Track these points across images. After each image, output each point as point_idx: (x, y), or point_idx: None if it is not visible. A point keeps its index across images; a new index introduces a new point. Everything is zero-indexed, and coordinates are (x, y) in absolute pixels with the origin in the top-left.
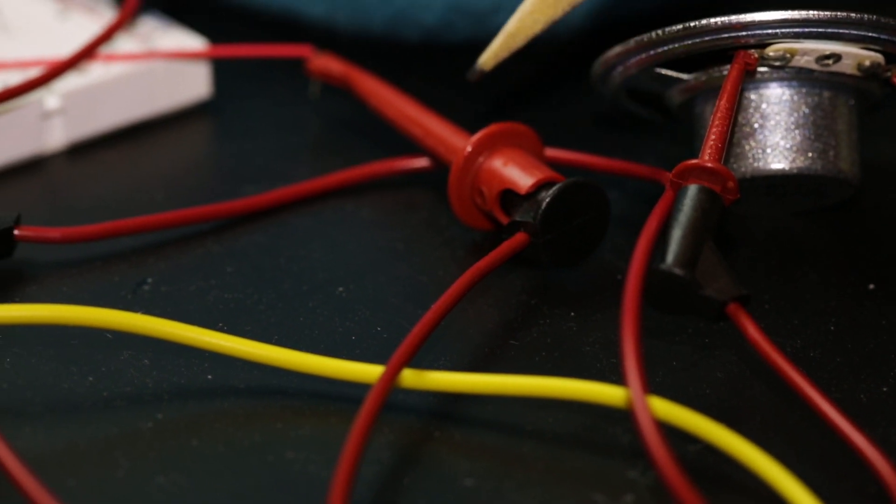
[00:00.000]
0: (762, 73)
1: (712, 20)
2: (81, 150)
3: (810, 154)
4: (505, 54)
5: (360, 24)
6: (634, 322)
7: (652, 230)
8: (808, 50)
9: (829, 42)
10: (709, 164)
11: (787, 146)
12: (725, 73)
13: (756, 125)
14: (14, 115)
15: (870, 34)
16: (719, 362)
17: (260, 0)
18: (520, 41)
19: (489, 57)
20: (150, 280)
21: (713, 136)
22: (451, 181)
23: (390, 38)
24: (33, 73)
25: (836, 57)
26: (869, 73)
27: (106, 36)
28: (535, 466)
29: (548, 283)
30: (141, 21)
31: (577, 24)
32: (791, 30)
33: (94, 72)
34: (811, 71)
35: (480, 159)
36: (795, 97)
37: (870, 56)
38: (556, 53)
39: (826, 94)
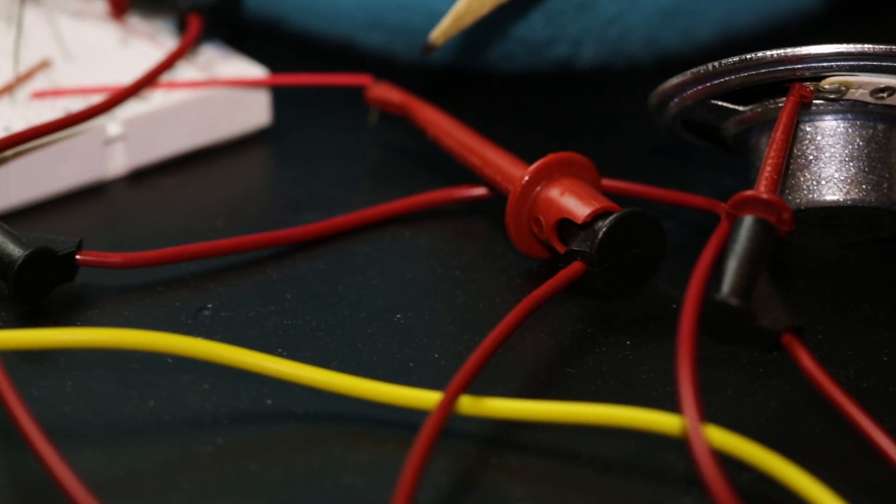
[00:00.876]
0: (817, 105)
1: (768, 53)
2: (142, 176)
3: (864, 186)
4: (454, 32)
5: (418, 54)
6: (690, 351)
7: (708, 260)
8: (863, 83)
9: (883, 75)
10: (764, 196)
11: (842, 178)
12: (781, 105)
13: (811, 157)
14: (76, 141)
15: None
16: (773, 392)
17: (319, 29)
18: (468, 21)
19: (439, 34)
20: (210, 305)
21: (769, 168)
22: (508, 210)
23: (448, 68)
24: (95, 99)
25: (891, 90)
26: None
27: (167, 64)
28: (590, 493)
29: (603, 312)
30: (202, 49)
31: (633, 54)
32: (846, 63)
33: (156, 99)
34: (866, 104)
35: (538, 188)
36: (850, 130)
37: None
38: (612, 84)
39: (880, 126)
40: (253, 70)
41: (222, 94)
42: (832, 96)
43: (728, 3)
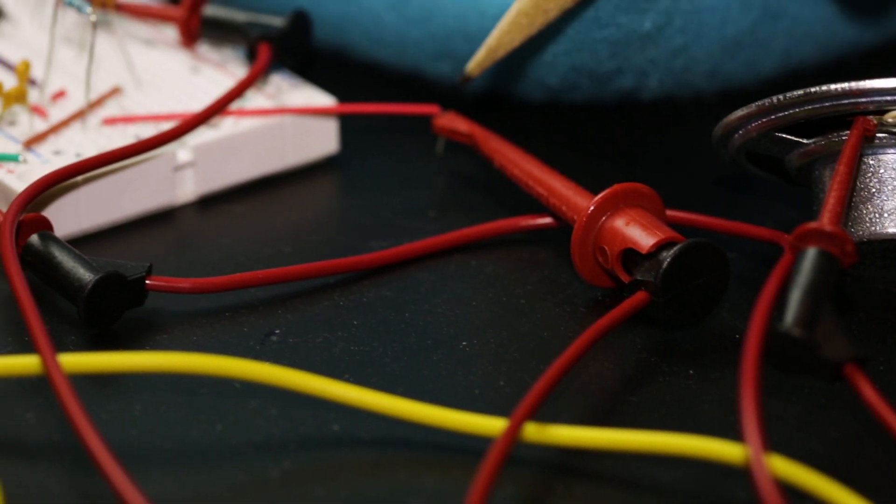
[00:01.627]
0: (880, 138)
1: (832, 86)
2: (211, 202)
3: None
4: (489, 64)
5: (485, 83)
6: (754, 381)
7: (772, 291)
8: None
9: None
10: (828, 228)
11: None
12: (844, 138)
13: (873, 190)
14: (147, 168)
15: None
16: (835, 422)
17: (387, 58)
18: (501, 53)
19: (474, 66)
20: (278, 331)
21: (832, 201)
22: (573, 239)
23: (514, 97)
24: (166, 126)
25: None
26: None
27: (237, 92)
28: None
29: (667, 342)
30: (271, 78)
31: (697, 85)
32: None
33: (225, 126)
34: None
35: (603, 218)
36: None
37: None
38: (677, 114)
39: None
40: (321, 98)
41: (291, 122)
42: (895, 130)
43: (791, 35)
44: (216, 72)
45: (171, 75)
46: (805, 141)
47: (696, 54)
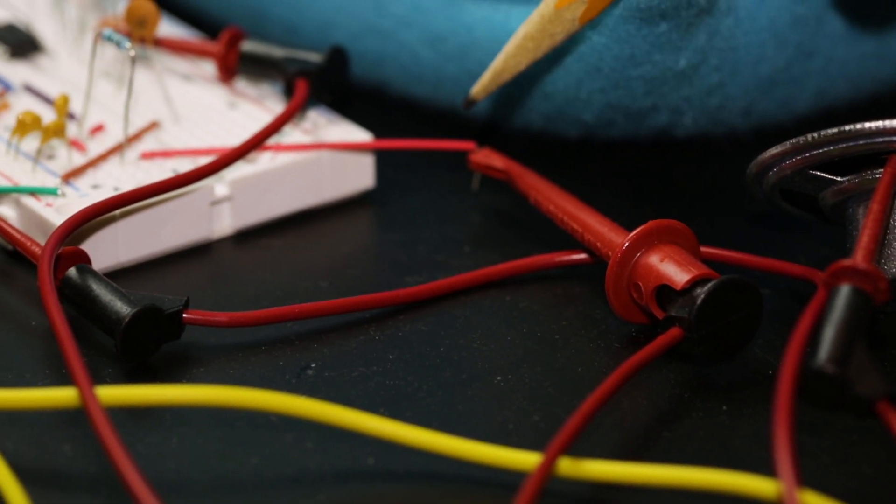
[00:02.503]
0: None
1: (867, 124)
2: (248, 237)
3: None
4: (493, 88)
5: (521, 120)
6: (787, 417)
7: (805, 328)
8: None
9: None
10: (861, 266)
11: None
12: (878, 176)
13: None
14: (184, 202)
15: None
16: (867, 458)
17: (423, 94)
18: (506, 77)
19: (479, 90)
20: (313, 365)
21: (866, 238)
22: (608, 275)
23: (549, 134)
24: (203, 161)
25: None
26: None
27: (275, 127)
28: None
29: (701, 377)
30: (308, 113)
31: (732, 123)
32: None
33: (263, 161)
34: None
35: (637, 255)
36: None
37: None
38: (711, 151)
39: None
40: (358, 134)
41: (328, 158)
42: None
43: (825, 73)
44: (253, 107)
45: (208, 110)
46: (839, 179)
47: (730, 92)
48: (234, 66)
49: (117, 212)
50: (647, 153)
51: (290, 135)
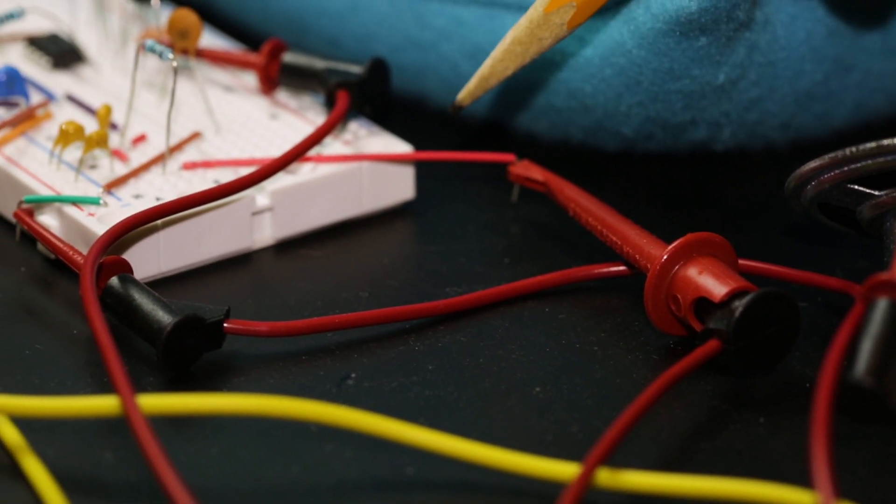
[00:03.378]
0: None
1: None
2: (288, 247)
3: None
4: (480, 93)
5: (560, 133)
6: (825, 429)
7: (842, 341)
8: None
9: None
10: None
11: None
12: None
13: None
14: (226, 212)
15: None
16: None
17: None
18: (493, 83)
19: (465, 95)
20: (353, 375)
21: None
22: (647, 288)
23: (588, 147)
24: (245, 171)
25: None
26: None
27: (316, 138)
28: None
29: (738, 389)
30: (349, 125)
31: (770, 137)
32: None
33: (303, 172)
34: None
35: (676, 267)
36: None
37: None
38: (749, 165)
39: None
40: (398, 146)
41: (368, 169)
42: None
43: (863, 87)
44: (294, 118)
45: (250, 121)
46: (877, 193)
47: (769, 107)
48: (276, 78)
49: (159, 222)
50: (685, 166)
51: (331, 146)
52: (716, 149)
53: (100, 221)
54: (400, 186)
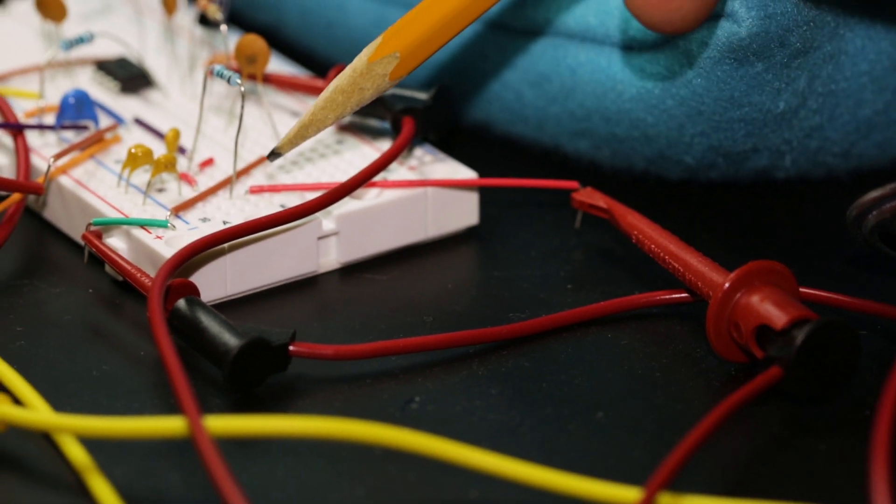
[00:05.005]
0: None
1: None
2: (353, 271)
3: None
4: (300, 142)
5: (623, 162)
6: (885, 456)
7: None
8: None
9: None
10: None
11: None
12: None
13: None
14: (292, 236)
15: None
16: None
17: (526, 134)
18: (312, 132)
19: (285, 143)
20: (417, 398)
21: None
22: (709, 315)
23: (651, 175)
24: (311, 196)
25: None
26: None
27: (382, 164)
28: None
29: (799, 416)
30: (414, 151)
31: (830, 164)
32: None
33: (369, 197)
34: None
35: (738, 295)
36: None
37: None
38: (809, 193)
39: None
40: (463, 172)
41: (433, 194)
42: None
43: None
44: (360, 143)
45: (316, 146)
46: None
47: (829, 135)
48: None
49: (226, 245)
50: (746, 194)
51: (397, 172)
52: (777, 177)
53: (167, 244)
54: (464, 212)
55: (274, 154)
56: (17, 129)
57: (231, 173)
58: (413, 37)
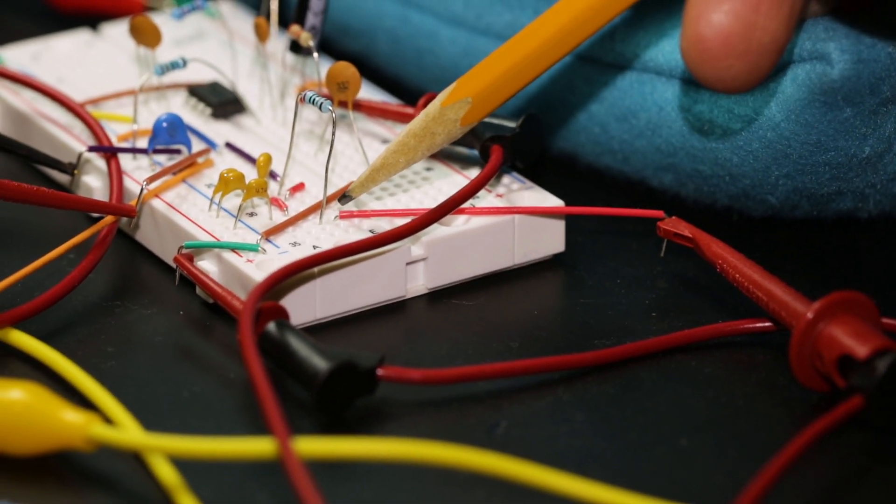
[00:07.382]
0: None
1: None
2: (441, 296)
3: None
4: (371, 186)
5: (706, 198)
6: None
7: None
8: None
9: None
10: None
11: None
12: None
13: None
14: (381, 261)
15: None
16: None
17: (613, 165)
18: (384, 176)
19: (356, 187)
20: (503, 423)
21: None
22: (792, 344)
23: (734, 211)
24: (400, 222)
25: None
26: None
27: (470, 191)
28: None
29: (881, 445)
30: (502, 179)
31: None
32: None
33: (457, 223)
34: None
35: (821, 325)
36: None
37: None
38: (893, 229)
39: None
40: (550, 200)
41: (520, 222)
42: None
43: None
44: (449, 170)
45: (405, 173)
46: None
47: None
48: None
49: (316, 269)
50: (829, 229)
51: (485, 199)
52: (860, 217)
53: (258, 268)
54: (551, 240)
55: (345, 197)
56: (110, 153)
57: (321, 198)
58: (485, 83)
